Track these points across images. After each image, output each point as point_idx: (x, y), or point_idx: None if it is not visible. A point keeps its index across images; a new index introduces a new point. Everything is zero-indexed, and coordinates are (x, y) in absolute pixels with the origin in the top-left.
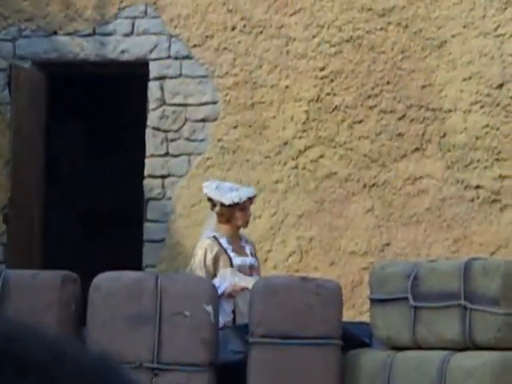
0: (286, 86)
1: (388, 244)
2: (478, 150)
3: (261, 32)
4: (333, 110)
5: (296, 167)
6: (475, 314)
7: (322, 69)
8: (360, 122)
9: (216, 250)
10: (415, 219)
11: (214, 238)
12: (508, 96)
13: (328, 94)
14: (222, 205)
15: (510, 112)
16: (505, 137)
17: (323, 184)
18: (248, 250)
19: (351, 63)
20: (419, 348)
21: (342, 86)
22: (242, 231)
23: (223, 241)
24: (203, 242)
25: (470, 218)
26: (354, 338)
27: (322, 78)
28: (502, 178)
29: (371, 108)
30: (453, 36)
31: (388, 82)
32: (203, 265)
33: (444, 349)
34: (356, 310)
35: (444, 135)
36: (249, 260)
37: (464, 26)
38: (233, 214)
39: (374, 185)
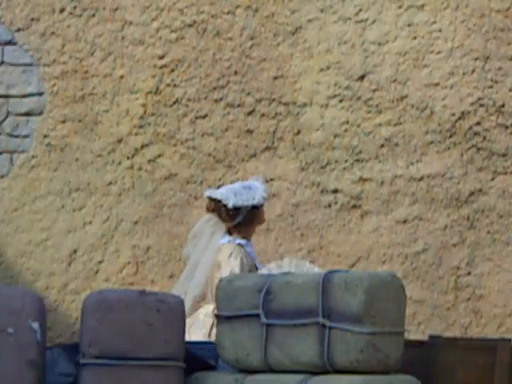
0: (121, 76)
1: None
2: (336, 150)
3: (93, 15)
4: (173, 104)
5: (131, 167)
6: (335, 333)
7: (162, 57)
8: (204, 116)
9: (249, 260)
10: (265, 226)
11: (240, 245)
12: (370, 89)
13: (168, 86)
14: (254, 207)
15: (372, 107)
16: (366, 135)
17: (162, 186)
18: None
19: (194, 51)
20: (272, 371)
21: (184, 77)
22: None
23: (250, 250)
24: (232, 248)
25: (327, 226)
26: (198, 360)
27: (161, 67)
28: (362, 180)
29: (216, 101)
30: (309, 21)
31: (236, 73)
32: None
33: (300, 372)
34: None
35: (298, 132)
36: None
37: (321, 10)
38: (261, 213)
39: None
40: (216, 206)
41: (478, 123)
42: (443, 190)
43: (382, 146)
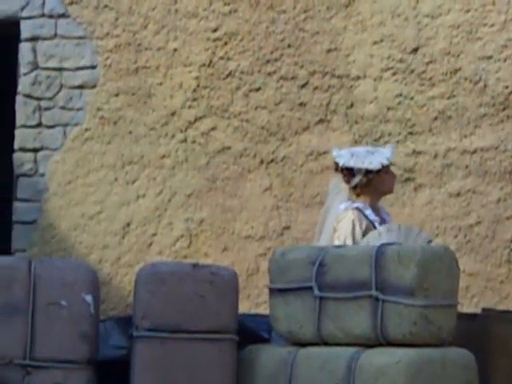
0: (175, 49)
1: (288, 227)
2: (389, 123)
3: None
4: (226, 77)
5: (185, 140)
6: (388, 306)
7: (215, 30)
8: (257, 90)
9: (365, 223)
10: (318, 199)
11: (358, 209)
12: (423, 62)
13: (221, 59)
14: (368, 172)
15: (425, 80)
16: (419, 108)
17: (215, 160)
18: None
19: (247, 24)
20: (325, 344)
21: (237, 50)
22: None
23: (369, 212)
24: (346, 214)
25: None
26: (251, 333)
27: (214, 40)
28: (416, 153)
29: (270, 74)
30: None
31: (289, 46)
32: (352, 241)
33: (353, 345)
34: (251, 302)
35: (351, 105)
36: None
37: None
38: (381, 179)
39: (272, 161)
40: (336, 166)
41: None
42: (496, 162)
43: (436, 118)
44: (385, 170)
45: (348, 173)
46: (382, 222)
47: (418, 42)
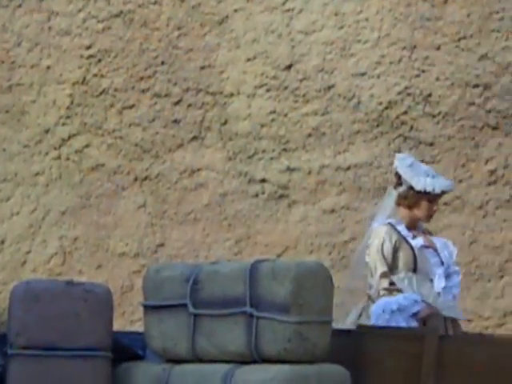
0: (48, 67)
1: (162, 244)
2: (263, 139)
3: (19, 5)
4: (100, 94)
5: (59, 157)
6: (262, 322)
7: (89, 47)
8: (131, 107)
9: (395, 238)
10: (193, 216)
11: (390, 224)
12: (297, 79)
13: (95, 76)
14: (411, 188)
15: (299, 96)
16: (293, 124)
17: (89, 177)
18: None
19: (121, 41)
20: (200, 361)
21: (111, 67)
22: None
23: (401, 228)
24: (379, 230)
25: (254, 216)
26: (125, 350)
27: (88, 57)
28: (290, 170)
29: (143, 91)
30: (235, 11)
31: (162, 63)
32: (381, 256)
33: (228, 362)
34: (126, 319)
35: (225, 122)
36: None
37: (247, 0)
38: (418, 203)
39: (146, 178)
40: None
41: (405, 112)
42: (370, 179)
43: (309, 135)
44: (428, 196)
45: (397, 179)
46: (418, 234)
47: (291, 58)
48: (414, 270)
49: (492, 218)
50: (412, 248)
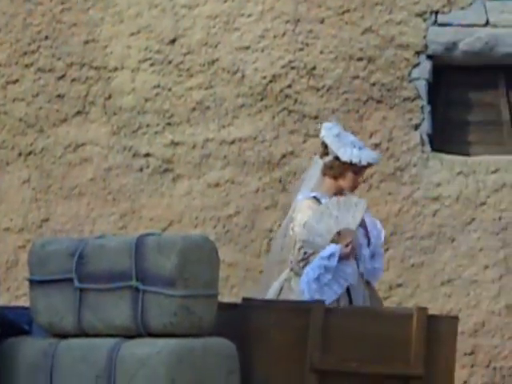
0: None
1: (47, 219)
2: (147, 114)
3: None
4: None
5: None
6: (149, 296)
7: None
8: (15, 82)
9: None
10: (77, 191)
11: (315, 198)
12: (181, 53)
13: None
14: (336, 158)
15: (183, 71)
16: (178, 98)
17: None
18: None
19: (4, 16)
20: (86, 335)
21: None
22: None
23: (324, 201)
24: (302, 203)
25: (139, 190)
26: (11, 325)
27: None
28: (174, 144)
29: (27, 66)
30: None
31: (46, 37)
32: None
33: (114, 336)
34: (11, 294)
35: (109, 97)
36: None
37: None
38: (344, 174)
39: (30, 153)
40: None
41: (290, 86)
42: (255, 153)
43: (194, 109)
44: (354, 168)
45: (324, 148)
46: None
47: (175, 32)
48: None
49: (376, 191)
50: None
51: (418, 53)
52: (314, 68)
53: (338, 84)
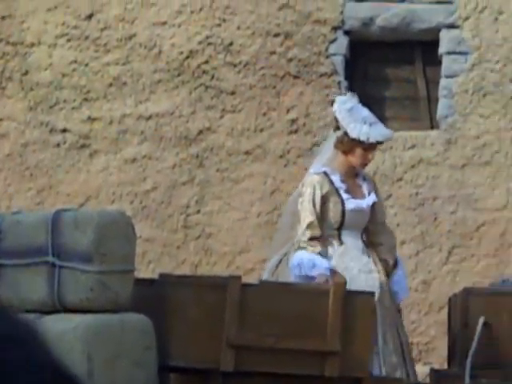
0: None
1: None
2: (64, 89)
3: None
4: None
5: None
6: (65, 271)
7: None
8: None
9: (326, 188)
10: None
11: (325, 173)
12: (98, 28)
13: None
14: (346, 133)
15: (99, 46)
16: (94, 74)
17: None
18: (366, 188)
19: None
20: None
21: None
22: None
23: (335, 178)
24: (311, 178)
25: (56, 166)
26: None
27: None
28: (91, 120)
29: None
30: None
31: None
32: (312, 205)
33: (31, 311)
34: None
35: (26, 72)
36: (365, 202)
37: None
38: (353, 150)
39: None
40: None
41: (207, 62)
42: (172, 128)
43: (111, 85)
44: (364, 145)
45: (336, 122)
46: (353, 188)
47: (92, 8)
48: (340, 227)
49: (293, 167)
50: (342, 202)
51: (334, 28)
52: (230, 44)
53: (254, 60)
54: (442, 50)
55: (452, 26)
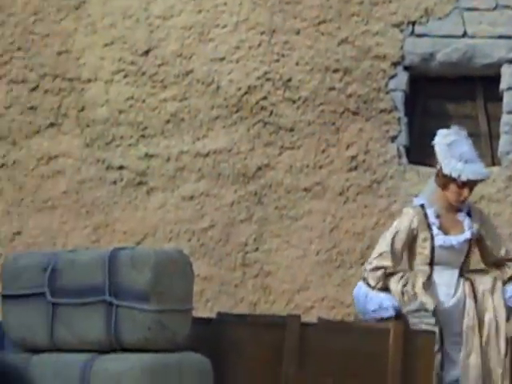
0: None
1: (19, 232)
2: (121, 126)
3: None
4: None
5: None
6: (122, 311)
7: None
8: None
9: (418, 222)
10: (50, 204)
11: (422, 206)
12: (155, 64)
13: None
14: (441, 168)
15: (156, 82)
16: (151, 110)
17: None
18: (467, 224)
19: None
20: (59, 350)
21: None
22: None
23: (430, 212)
24: (406, 210)
25: (113, 203)
26: None
27: None
28: (148, 157)
29: (0, 77)
30: None
31: (19, 48)
32: (392, 237)
33: (87, 351)
34: None
35: (83, 109)
36: (457, 239)
37: None
38: (447, 185)
39: (3, 165)
40: None
41: (265, 98)
42: (230, 165)
43: (168, 121)
44: (458, 182)
45: (435, 157)
46: (450, 223)
47: (149, 43)
48: (431, 263)
49: (353, 204)
50: (432, 238)
51: (394, 64)
52: (289, 79)
53: (313, 96)
54: (503, 85)
55: None
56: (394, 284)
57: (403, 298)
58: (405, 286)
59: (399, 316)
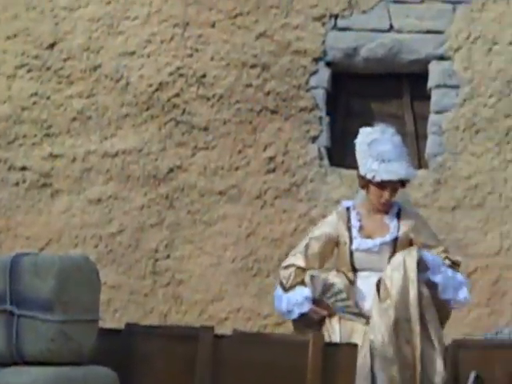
0: None
1: None
2: (24, 124)
3: None
4: None
5: None
6: (24, 321)
7: None
8: None
9: (341, 225)
10: None
11: (348, 209)
12: (60, 58)
13: None
14: (360, 173)
15: (62, 77)
16: (56, 107)
17: None
18: (394, 226)
19: None
20: None
21: None
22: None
23: (353, 214)
24: (336, 211)
25: (15, 206)
26: None
27: None
28: (52, 157)
29: None
30: None
31: None
32: (313, 236)
33: None
34: None
35: None
36: (373, 242)
37: None
38: (367, 187)
39: None
40: None
41: (177, 95)
42: (140, 166)
43: (74, 119)
44: (380, 183)
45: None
46: (372, 226)
47: (54, 36)
48: (353, 267)
49: (270, 209)
50: (351, 242)
51: (315, 59)
52: (203, 76)
53: (229, 93)
54: (431, 83)
55: (442, 58)
56: (307, 277)
57: (313, 285)
58: (314, 276)
59: (317, 302)
